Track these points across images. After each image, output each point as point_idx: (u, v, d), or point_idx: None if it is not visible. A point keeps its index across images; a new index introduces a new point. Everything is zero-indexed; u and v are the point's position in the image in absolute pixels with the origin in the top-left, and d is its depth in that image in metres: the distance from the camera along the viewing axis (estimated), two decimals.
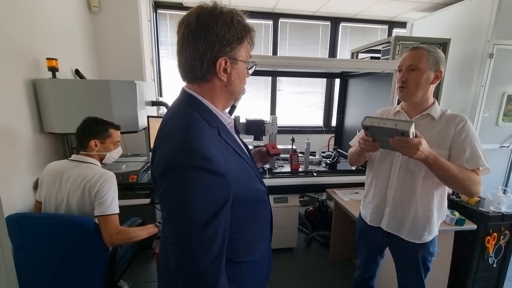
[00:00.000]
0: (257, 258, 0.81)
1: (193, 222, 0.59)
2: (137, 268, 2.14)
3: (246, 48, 0.72)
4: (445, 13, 2.80)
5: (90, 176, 1.29)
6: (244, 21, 0.69)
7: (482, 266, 1.78)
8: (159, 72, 3.23)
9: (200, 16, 0.65)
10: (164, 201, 0.63)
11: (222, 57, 0.67)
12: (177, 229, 0.61)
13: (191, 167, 0.59)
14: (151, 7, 3.00)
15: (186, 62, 0.69)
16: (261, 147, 1.08)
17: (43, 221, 1.24)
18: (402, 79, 1.15)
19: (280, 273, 2.17)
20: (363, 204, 1.40)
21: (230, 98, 0.76)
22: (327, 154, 2.87)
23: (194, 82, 0.72)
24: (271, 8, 3.19)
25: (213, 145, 0.64)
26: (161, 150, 0.65)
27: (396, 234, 1.24)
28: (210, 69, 0.68)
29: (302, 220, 2.80)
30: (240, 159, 0.74)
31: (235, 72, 0.71)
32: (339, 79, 3.04)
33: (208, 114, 0.70)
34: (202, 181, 0.60)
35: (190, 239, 0.59)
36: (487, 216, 1.69)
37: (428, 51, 1.12)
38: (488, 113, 2.52)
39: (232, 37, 0.67)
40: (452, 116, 1.15)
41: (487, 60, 2.37)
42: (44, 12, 1.82)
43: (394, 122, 0.99)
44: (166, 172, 0.61)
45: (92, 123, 1.42)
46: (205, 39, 0.65)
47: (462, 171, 1.08)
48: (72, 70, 2.13)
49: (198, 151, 0.60)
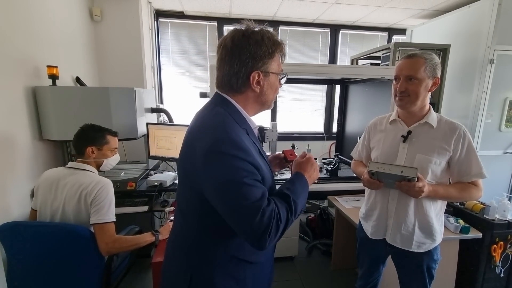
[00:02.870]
0: (263, 260, 0.85)
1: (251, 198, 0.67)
2: (133, 277, 2.10)
3: (277, 61, 0.81)
4: (444, 19, 2.81)
5: (86, 183, 1.27)
6: (273, 37, 0.78)
7: (489, 276, 1.73)
8: (160, 79, 3.25)
9: (234, 39, 0.76)
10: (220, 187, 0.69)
11: (255, 71, 0.76)
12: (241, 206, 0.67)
13: (231, 155, 0.68)
14: (153, 15, 3.04)
15: (224, 78, 0.79)
16: (279, 154, 1.11)
17: (38, 229, 1.22)
18: (401, 89, 1.13)
19: (280, 283, 2.12)
20: (363, 216, 1.37)
21: (262, 107, 0.85)
22: (328, 161, 2.85)
23: (229, 93, 0.80)
24: (271, 16, 3.22)
25: (246, 140, 0.74)
26: (202, 142, 0.71)
27: (401, 247, 1.21)
28: (244, 83, 0.77)
29: (303, 228, 2.76)
30: (263, 160, 0.80)
31: (267, 84, 0.80)
32: (339, 85, 3.03)
33: (239, 117, 0.79)
34: (242, 166, 0.69)
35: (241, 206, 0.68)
36: (493, 224, 1.65)
37: (425, 59, 1.10)
38: (490, 119, 2.49)
39: (263, 53, 0.76)
40: (451, 126, 1.14)
41: (488, 66, 2.36)
42: (46, 20, 1.84)
43: (400, 169, 1.08)
44: (208, 157, 0.69)
45: (89, 130, 1.41)
46: (239, 57, 0.75)
47: (461, 190, 1.14)
48: (73, 78, 2.15)
49: (237, 143, 0.69)
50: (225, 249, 0.77)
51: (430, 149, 1.13)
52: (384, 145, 1.25)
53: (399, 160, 1.19)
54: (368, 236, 1.31)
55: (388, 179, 1.12)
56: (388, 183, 1.14)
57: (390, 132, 1.25)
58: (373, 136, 1.33)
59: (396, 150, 1.20)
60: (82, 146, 1.38)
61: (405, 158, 1.17)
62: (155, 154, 2.17)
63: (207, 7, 2.94)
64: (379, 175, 1.13)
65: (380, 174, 1.12)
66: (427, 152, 1.13)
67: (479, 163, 1.12)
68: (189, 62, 3.26)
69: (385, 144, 1.25)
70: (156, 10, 3.10)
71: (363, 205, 1.39)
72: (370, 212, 1.31)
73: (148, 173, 2.18)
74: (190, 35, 3.22)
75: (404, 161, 1.17)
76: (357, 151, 1.46)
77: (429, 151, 1.13)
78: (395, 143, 1.21)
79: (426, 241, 1.19)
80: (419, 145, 1.16)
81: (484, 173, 1.12)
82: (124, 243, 1.29)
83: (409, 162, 1.16)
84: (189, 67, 3.27)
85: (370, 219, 1.30)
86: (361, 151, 1.43)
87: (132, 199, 1.89)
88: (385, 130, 1.28)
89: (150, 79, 2.95)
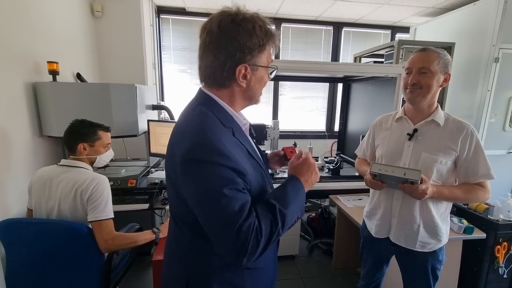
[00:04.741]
0: (261, 266, 0.79)
1: (223, 213, 0.61)
2: (134, 275, 2.09)
3: (268, 53, 0.72)
4: (449, 17, 2.77)
5: (81, 180, 1.24)
6: (266, 26, 0.69)
7: (492, 277, 1.71)
8: (161, 76, 3.23)
9: (221, 24, 0.65)
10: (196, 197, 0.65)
11: (242, 64, 0.67)
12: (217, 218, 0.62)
13: (210, 162, 0.62)
14: (154, 12, 3.02)
15: (206, 68, 0.70)
16: (279, 151, 1.07)
17: (35, 226, 1.20)
18: (413, 81, 1.10)
19: (281, 282, 2.11)
20: (367, 215, 1.35)
21: (249, 102, 0.77)
22: (330, 160, 2.83)
23: (212, 86, 0.73)
24: (274, 13, 3.19)
25: (229, 143, 0.66)
26: (180, 148, 0.66)
27: (405, 246, 1.19)
28: (230, 76, 0.69)
29: (304, 227, 2.74)
30: (253, 161, 0.74)
31: (255, 78, 0.71)
32: (342, 83, 3.01)
33: (224, 116, 0.71)
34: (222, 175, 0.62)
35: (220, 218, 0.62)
36: (497, 224, 1.63)
37: (438, 53, 1.09)
38: (494, 118, 2.46)
39: (253, 45, 0.67)
40: (459, 125, 1.12)
41: (493, 65, 2.33)
42: (46, 16, 1.82)
43: (403, 171, 1.05)
44: (186, 165, 0.63)
45: (79, 125, 1.36)
46: (226, 47, 0.66)
47: (467, 191, 1.11)
48: (74, 74, 2.13)
49: (216, 148, 0.62)
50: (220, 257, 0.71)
51: (436, 148, 1.11)
52: (389, 143, 1.23)
53: (404, 158, 1.16)
54: (372, 235, 1.29)
55: (391, 180, 1.09)
56: (391, 184, 1.12)
57: (395, 130, 1.23)
58: (378, 134, 1.31)
59: (401, 149, 1.18)
60: (73, 142, 1.34)
61: (410, 156, 1.15)
62: (156, 151, 2.15)
63: (209, 4, 2.92)
64: (381, 176, 1.11)
65: (383, 176, 1.10)
66: (433, 151, 1.11)
67: (487, 163, 1.09)
68: (190, 59, 3.24)
69: (390, 142, 1.22)
70: (158, 6, 3.08)
71: (367, 203, 1.37)
72: (374, 211, 1.29)
73: (149, 170, 2.17)
74: (191, 31, 3.19)
75: (409, 159, 1.15)
76: (362, 149, 1.44)
77: (435, 150, 1.11)
78: (400, 141, 1.19)
79: (431, 241, 1.17)
80: (425, 144, 1.13)
81: (492, 174, 1.09)
82: (124, 240, 1.28)
83: (414, 161, 1.14)
84: (190, 64, 3.25)
85: (374, 218, 1.29)
86: (365, 149, 1.41)
87: (132, 196, 1.87)
88: (391, 128, 1.25)
89: (151, 76, 2.94)
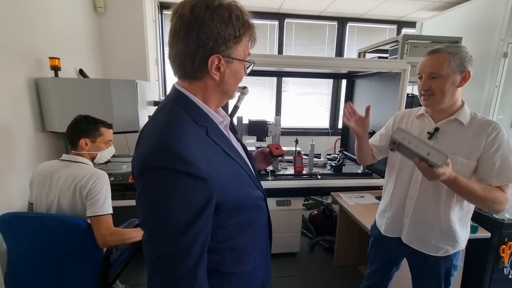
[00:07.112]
0: (249, 269, 0.75)
1: (169, 228, 0.55)
2: (133, 270, 2.10)
3: (245, 45, 0.67)
4: (456, 11, 2.70)
5: (81, 175, 1.25)
6: (244, 17, 0.64)
7: (497, 277, 1.68)
8: (164, 72, 3.23)
9: (195, 9, 0.60)
10: (141, 205, 0.59)
11: (216, 55, 0.62)
12: (153, 234, 0.57)
13: (168, 169, 0.55)
14: (157, 8, 3.01)
15: (176, 57, 0.64)
16: (264, 148, 1.02)
17: (35, 220, 1.22)
18: (424, 88, 1.04)
19: (281, 279, 2.11)
20: (379, 212, 1.30)
21: (224, 97, 0.72)
22: (333, 157, 2.80)
23: (184, 79, 0.67)
24: (277, 8, 3.16)
25: (196, 145, 0.60)
26: (138, 150, 0.62)
27: (417, 249, 1.14)
28: (201, 67, 0.63)
29: (306, 224, 2.73)
30: (230, 161, 0.69)
31: (229, 71, 0.66)
32: (345, 79, 2.97)
33: (197, 113, 0.66)
34: (179, 185, 0.55)
35: (165, 246, 0.56)
36: (502, 223, 1.59)
37: (449, 53, 0.99)
38: (502, 115, 2.41)
39: (228, 35, 0.61)
40: (485, 123, 1.02)
41: (501, 60, 2.27)
42: (49, 12, 1.83)
43: (427, 150, 0.89)
44: (142, 173, 0.58)
45: (82, 121, 1.37)
46: (198, 35, 0.60)
47: (486, 189, 0.98)
48: (77, 70, 2.14)
49: (176, 152, 0.56)
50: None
51: (457, 148, 1.03)
52: None
53: None
54: (382, 232, 1.24)
55: (409, 153, 0.94)
56: (406, 153, 0.96)
57: (415, 128, 1.15)
58: None
59: None
60: (75, 138, 1.35)
61: None
62: None
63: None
64: (400, 147, 0.94)
65: (402, 147, 0.94)
66: (454, 151, 1.03)
67: (511, 165, 0.99)
68: None
69: None
70: (160, 2, 3.07)
71: (381, 202, 1.32)
72: (386, 209, 1.24)
73: None
74: None
75: None
76: (376, 139, 1.33)
77: (456, 150, 1.03)
78: None
79: (445, 246, 1.10)
80: (446, 144, 1.05)
81: None
82: (122, 235, 1.28)
83: None
84: None
85: (385, 216, 1.24)
86: (379, 139, 1.31)
87: (133, 192, 1.88)
88: (411, 125, 1.19)
89: (154, 72, 2.94)
